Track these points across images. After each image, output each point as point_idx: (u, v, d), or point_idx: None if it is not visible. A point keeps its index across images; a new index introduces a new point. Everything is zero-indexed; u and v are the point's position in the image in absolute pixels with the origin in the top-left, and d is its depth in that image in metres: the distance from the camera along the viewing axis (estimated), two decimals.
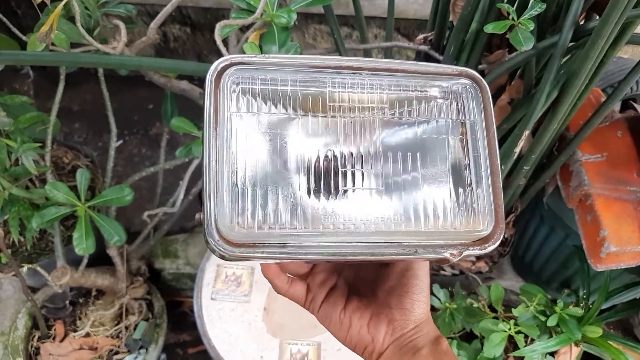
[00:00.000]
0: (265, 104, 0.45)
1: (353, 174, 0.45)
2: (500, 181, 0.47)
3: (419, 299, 0.49)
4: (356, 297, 0.52)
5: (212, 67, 0.44)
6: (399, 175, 0.46)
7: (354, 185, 0.45)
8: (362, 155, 0.46)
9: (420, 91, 0.48)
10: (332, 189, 0.45)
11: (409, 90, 0.48)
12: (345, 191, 0.45)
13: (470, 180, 0.47)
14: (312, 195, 0.44)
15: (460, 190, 0.46)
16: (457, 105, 0.48)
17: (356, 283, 0.54)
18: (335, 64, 0.46)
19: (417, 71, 0.48)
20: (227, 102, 0.44)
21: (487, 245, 0.45)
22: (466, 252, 0.44)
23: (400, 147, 0.47)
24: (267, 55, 0.45)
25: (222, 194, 0.42)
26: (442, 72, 0.48)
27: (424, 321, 0.49)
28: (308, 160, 0.45)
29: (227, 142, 0.43)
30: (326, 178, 0.45)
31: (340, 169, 0.45)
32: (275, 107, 0.45)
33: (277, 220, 0.43)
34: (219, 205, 0.42)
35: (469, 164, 0.47)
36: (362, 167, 0.46)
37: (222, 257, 0.42)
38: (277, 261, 0.49)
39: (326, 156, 0.45)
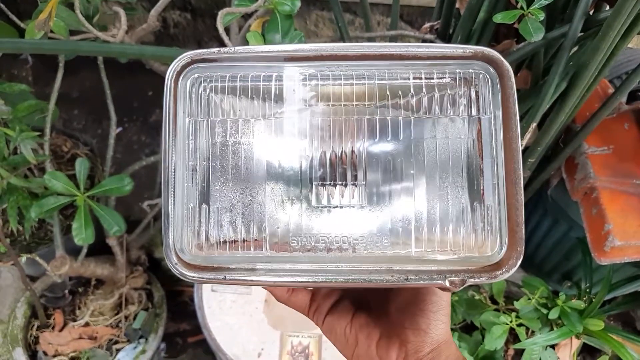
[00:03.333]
0: (229, 105, 0.39)
1: (332, 185, 0.39)
2: (522, 193, 0.37)
3: (437, 318, 0.41)
4: (365, 311, 0.46)
5: (171, 66, 0.39)
6: (388, 185, 0.39)
7: (332, 199, 0.38)
8: (342, 162, 0.39)
9: (422, 80, 0.39)
10: (306, 204, 0.39)
11: (406, 80, 0.39)
12: (322, 207, 0.39)
13: (481, 191, 0.38)
14: (282, 210, 0.39)
15: (465, 204, 0.38)
16: (470, 96, 0.39)
17: (366, 295, 0.47)
18: (315, 54, 0.38)
19: (417, 56, 0.38)
20: (185, 106, 0.38)
21: (498, 272, 0.36)
22: (471, 281, 0.36)
23: (391, 152, 0.39)
24: (232, 48, 0.38)
25: (180, 212, 0.38)
26: (451, 55, 0.38)
27: (443, 343, 0.42)
28: (278, 169, 0.39)
29: (186, 152, 0.38)
30: (299, 190, 0.39)
31: (314, 180, 0.39)
32: (240, 110, 0.39)
33: (241, 240, 0.38)
34: (177, 224, 0.37)
35: (480, 172, 0.38)
36: (343, 178, 0.39)
37: (184, 279, 0.38)
38: (248, 286, 0.45)
39: (300, 165, 0.39)
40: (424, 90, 0.39)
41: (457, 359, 0.42)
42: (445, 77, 0.39)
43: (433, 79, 0.39)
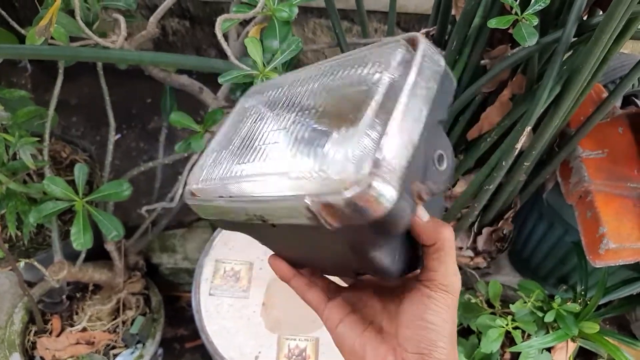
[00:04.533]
0: None
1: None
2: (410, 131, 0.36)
3: (439, 345, 0.41)
4: (375, 329, 0.46)
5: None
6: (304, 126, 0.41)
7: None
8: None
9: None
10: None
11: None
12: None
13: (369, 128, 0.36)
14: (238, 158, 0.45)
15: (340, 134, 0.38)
16: (379, 62, 0.40)
17: (382, 314, 0.47)
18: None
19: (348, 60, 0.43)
20: None
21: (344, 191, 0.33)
22: (323, 199, 0.34)
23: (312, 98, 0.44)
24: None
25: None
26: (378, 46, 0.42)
27: None
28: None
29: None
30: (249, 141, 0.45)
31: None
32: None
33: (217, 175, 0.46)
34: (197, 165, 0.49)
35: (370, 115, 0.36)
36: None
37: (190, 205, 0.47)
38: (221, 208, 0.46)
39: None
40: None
41: None
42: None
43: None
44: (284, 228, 0.40)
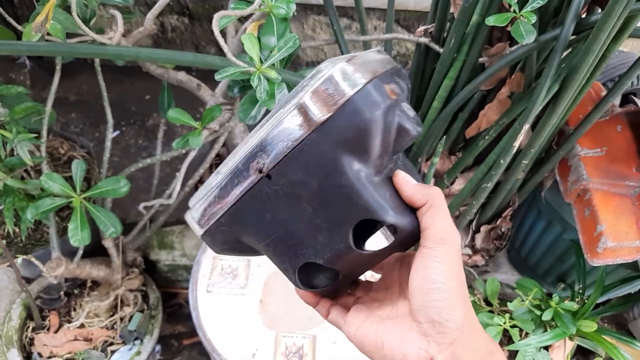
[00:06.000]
0: None
1: None
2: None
3: (449, 305, 0.41)
4: (391, 318, 0.47)
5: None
6: None
7: None
8: None
9: None
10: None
11: None
12: None
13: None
14: None
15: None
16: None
17: (391, 304, 0.49)
18: None
19: None
20: None
21: None
22: (313, 88, 0.41)
23: None
24: None
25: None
26: None
27: (467, 331, 0.41)
28: None
29: None
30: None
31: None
32: None
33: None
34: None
35: None
36: None
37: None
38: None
39: None
40: None
41: (485, 345, 0.42)
42: None
43: None
44: (279, 186, 0.44)
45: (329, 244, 0.44)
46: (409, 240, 0.45)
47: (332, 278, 0.50)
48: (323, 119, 0.40)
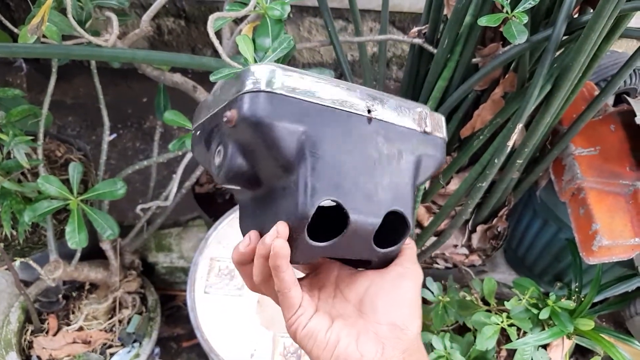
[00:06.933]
0: None
1: None
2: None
3: (410, 313, 0.45)
4: (342, 319, 0.47)
5: None
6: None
7: None
8: None
9: None
10: None
11: None
12: None
13: None
14: None
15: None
16: None
17: (342, 303, 0.49)
18: None
19: None
20: None
21: None
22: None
23: None
24: None
25: None
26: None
27: (416, 343, 0.45)
28: None
29: None
30: None
31: None
32: None
33: None
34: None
35: None
36: None
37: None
38: None
39: None
40: None
41: None
42: None
43: None
44: (368, 133, 0.48)
45: (372, 203, 0.46)
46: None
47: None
48: (428, 130, 0.52)
